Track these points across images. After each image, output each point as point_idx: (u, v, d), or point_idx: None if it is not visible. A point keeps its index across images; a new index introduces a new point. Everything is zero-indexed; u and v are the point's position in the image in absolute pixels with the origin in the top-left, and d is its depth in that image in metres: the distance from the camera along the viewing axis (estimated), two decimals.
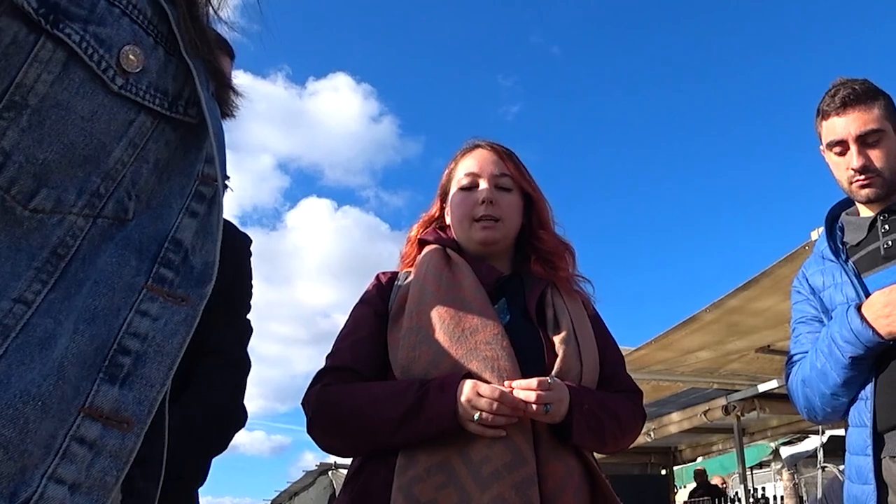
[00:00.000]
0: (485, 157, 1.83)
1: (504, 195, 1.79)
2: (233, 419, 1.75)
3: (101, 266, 0.71)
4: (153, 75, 0.75)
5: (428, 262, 1.74)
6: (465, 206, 1.79)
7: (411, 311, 1.64)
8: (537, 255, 1.80)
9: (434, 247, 1.79)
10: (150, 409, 0.72)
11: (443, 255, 1.76)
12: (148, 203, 0.77)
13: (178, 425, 1.54)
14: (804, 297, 2.17)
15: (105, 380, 0.69)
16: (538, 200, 1.85)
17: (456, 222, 1.83)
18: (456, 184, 1.84)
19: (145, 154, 0.75)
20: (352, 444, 1.62)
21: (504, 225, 1.77)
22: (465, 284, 1.67)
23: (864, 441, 1.88)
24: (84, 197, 0.70)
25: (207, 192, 0.81)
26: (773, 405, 7.28)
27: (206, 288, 0.79)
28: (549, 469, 1.48)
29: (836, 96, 2.05)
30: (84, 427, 0.67)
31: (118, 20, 0.71)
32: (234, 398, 1.75)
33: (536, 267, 1.78)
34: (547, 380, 1.49)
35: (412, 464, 1.46)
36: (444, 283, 1.67)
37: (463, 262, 1.73)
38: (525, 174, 1.85)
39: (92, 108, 0.69)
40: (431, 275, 1.70)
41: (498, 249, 1.80)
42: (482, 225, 1.75)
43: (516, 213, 1.81)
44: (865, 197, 2.04)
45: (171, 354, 0.74)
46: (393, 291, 1.77)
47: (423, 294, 1.66)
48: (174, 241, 0.77)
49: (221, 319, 1.72)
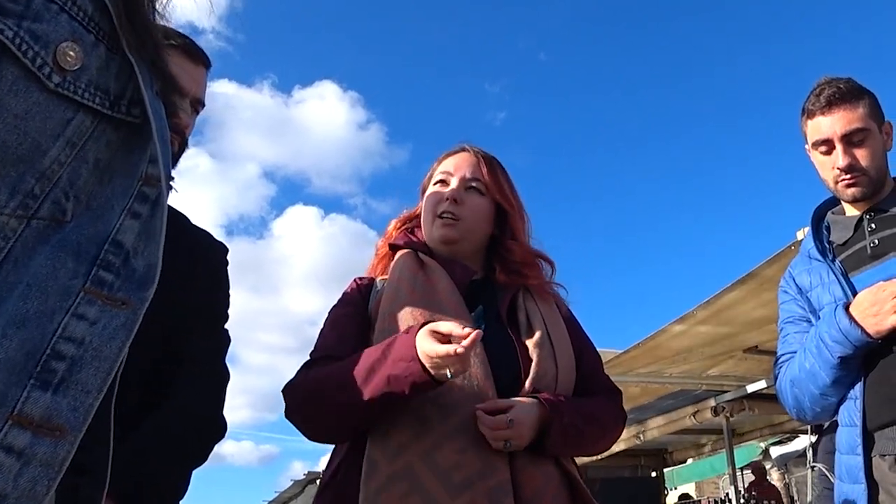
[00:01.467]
0: (463, 159, 1.83)
1: (473, 197, 1.77)
2: (212, 430, 1.73)
3: (34, 269, 0.68)
4: (93, 73, 0.73)
5: (402, 266, 1.73)
6: (431, 202, 1.79)
7: (384, 314, 1.63)
8: (503, 265, 1.78)
9: (406, 251, 1.78)
10: (85, 416, 0.69)
11: (415, 258, 1.74)
12: (88, 204, 0.74)
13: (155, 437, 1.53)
14: (791, 297, 2.17)
15: (36, 386, 0.66)
16: (511, 211, 1.82)
17: (423, 219, 1.82)
18: (431, 182, 1.84)
19: (84, 154, 0.73)
20: (324, 414, 1.57)
21: (464, 225, 1.75)
22: (439, 287, 1.66)
23: (854, 440, 1.88)
24: (17, 198, 0.67)
25: (151, 194, 0.79)
26: (762, 405, 7.31)
27: (149, 291, 0.76)
28: (525, 476, 1.47)
29: (820, 95, 2.05)
30: (12, 435, 0.64)
31: (56, 16, 0.69)
32: (212, 409, 1.73)
33: (501, 276, 1.76)
34: (504, 418, 1.46)
35: (374, 472, 1.43)
36: (418, 286, 1.66)
37: (435, 264, 1.72)
38: (502, 183, 1.82)
39: (26, 107, 0.67)
40: (406, 278, 1.69)
41: (461, 251, 1.78)
42: (442, 221, 1.74)
43: (482, 218, 1.79)
44: (851, 196, 2.04)
45: (110, 359, 0.71)
46: (371, 296, 1.75)
47: (397, 296, 1.65)
48: (115, 243, 0.75)
49: (198, 330, 1.71)
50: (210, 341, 1.76)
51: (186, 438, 1.62)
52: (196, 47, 1.73)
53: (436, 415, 1.48)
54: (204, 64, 1.76)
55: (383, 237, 1.91)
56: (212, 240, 1.89)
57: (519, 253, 1.79)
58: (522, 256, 1.79)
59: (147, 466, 1.45)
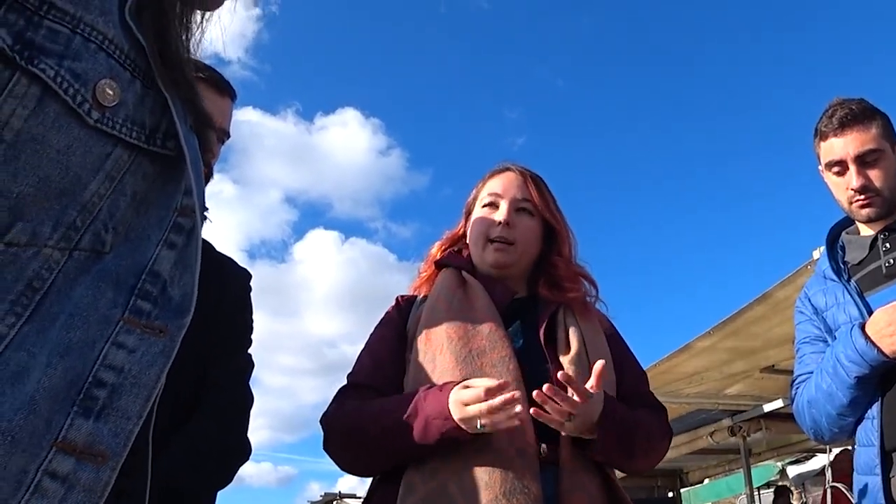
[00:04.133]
0: (510, 180, 1.83)
1: (523, 219, 1.78)
2: (237, 453, 1.75)
3: (76, 299, 0.70)
4: (130, 108, 0.75)
5: (442, 284, 1.74)
6: (483, 226, 1.79)
7: (421, 331, 1.64)
8: (546, 279, 1.78)
9: (450, 270, 1.79)
10: (126, 442, 0.71)
11: (457, 276, 1.75)
12: (126, 236, 0.76)
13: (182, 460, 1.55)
14: (807, 318, 2.16)
15: (79, 413, 0.69)
16: (559, 229, 1.83)
17: (472, 241, 1.82)
18: (479, 203, 1.84)
19: (122, 187, 0.75)
20: (362, 457, 1.61)
21: (517, 249, 1.76)
22: (477, 305, 1.66)
23: (872, 460, 1.87)
24: (60, 230, 0.69)
25: (186, 224, 0.81)
26: (779, 425, 7.25)
27: (185, 319, 0.78)
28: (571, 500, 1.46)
29: (833, 117, 2.05)
30: (56, 461, 0.66)
31: (94, 55, 0.71)
32: (237, 432, 1.75)
33: (544, 290, 1.76)
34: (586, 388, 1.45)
35: (410, 493, 1.45)
36: (455, 304, 1.66)
37: (477, 283, 1.72)
38: (550, 202, 1.84)
39: (67, 142, 0.69)
40: (444, 296, 1.70)
41: (511, 273, 1.79)
42: (495, 247, 1.75)
43: (533, 239, 1.80)
44: (866, 216, 2.04)
45: (149, 386, 0.73)
46: (412, 314, 1.76)
47: (434, 314, 1.66)
48: (152, 273, 0.77)
49: (223, 355, 1.74)
50: (235, 366, 1.79)
51: (212, 461, 1.64)
52: (222, 80, 1.77)
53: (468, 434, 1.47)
54: (230, 96, 1.80)
55: (426, 259, 1.92)
56: (235, 266, 1.92)
57: (563, 268, 1.80)
58: (566, 272, 1.79)
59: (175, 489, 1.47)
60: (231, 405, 1.74)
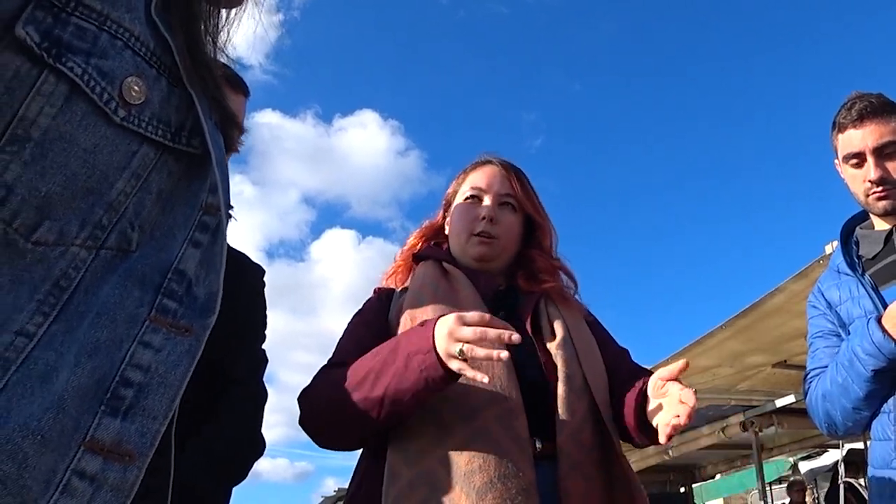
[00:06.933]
0: (493, 174, 1.83)
1: (506, 214, 1.78)
2: (251, 449, 1.76)
3: (103, 298, 0.71)
4: (156, 106, 0.75)
5: (424, 275, 1.72)
6: (466, 220, 1.78)
7: (406, 319, 1.61)
8: (525, 271, 1.78)
9: (430, 261, 1.77)
10: (152, 442, 0.71)
11: (438, 267, 1.74)
12: (151, 234, 0.76)
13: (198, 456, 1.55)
14: (820, 312, 2.15)
15: (107, 412, 0.69)
16: (541, 224, 1.84)
17: (454, 234, 1.82)
18: (461, 196, 1.83)
19: (148, 185, 0.75)
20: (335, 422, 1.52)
21: (500, 243, 1.76)
22: (462, 294, 1.65)
23: (889, 455, 1.87)
24: (87, 229, 0.69)
25: (211, 223, 0.81)
26: (791, 420, 7.22)
27: (210, 318, 0.79)
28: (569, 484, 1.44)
29: (852, 109, 2.05)
30: (85, 461, 0.67)
31: (121, 53, 0.71)
32: (251, 428, 1.76)
33: (522, 282, 1.76)
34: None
35: (395, 479, 1.41)
36: (440, 293, 1.65)
37: (459, 273, 1.71)
38: (531, 196, 1.84)
39: (94, 140, 0.69)
40: (428, 285, 1.68)
41: (492, 266, 1.78)
42: (479, 240, 1.74)
43: (515, 234, 1.81)
44: (882, 209, 2.03)
45: (175, 385, 0.74)
46: (392, 305, 1.73)
47: (418, 302, 1.64)
48: (177, 272, 0.77)
49: (237, 350, 1.74)
50: (249, 361, 1.79)
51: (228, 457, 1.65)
52: (237, 76, 1.78)
53: (457, 419, 1.44)
54: (244, 93, 1.81)
55: (404, 248, 1.90)
56: (249, 261, 1.93)
57: (541, 261, 1.80)
58: (544, 265, 1.79)
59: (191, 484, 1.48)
60: (245, 401, 1.74)
